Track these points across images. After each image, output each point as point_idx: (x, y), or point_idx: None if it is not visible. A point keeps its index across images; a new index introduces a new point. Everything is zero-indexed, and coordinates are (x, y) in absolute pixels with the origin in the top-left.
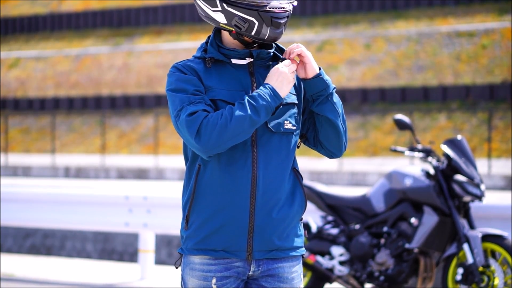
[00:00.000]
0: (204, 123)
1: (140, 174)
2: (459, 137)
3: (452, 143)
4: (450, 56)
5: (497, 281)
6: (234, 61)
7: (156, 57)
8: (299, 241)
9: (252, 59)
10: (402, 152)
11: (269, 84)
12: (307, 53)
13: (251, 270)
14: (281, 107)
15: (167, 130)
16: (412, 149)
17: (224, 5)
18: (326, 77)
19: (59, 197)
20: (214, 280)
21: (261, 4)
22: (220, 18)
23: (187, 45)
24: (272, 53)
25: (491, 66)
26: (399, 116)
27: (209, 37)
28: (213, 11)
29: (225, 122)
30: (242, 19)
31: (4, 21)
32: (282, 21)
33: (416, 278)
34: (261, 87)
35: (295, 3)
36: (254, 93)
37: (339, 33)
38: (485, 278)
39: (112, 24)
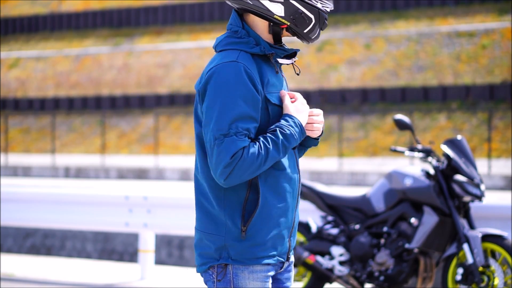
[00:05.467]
0: (239, 164)
1: (140, 174)
2: (459, 137)
3: (452, 143)
4: (450, 56)
5: (497, 281)
6: (281, 60)
7: (156, 57)
8: None
9: (296, 59)
10: (402, 152)
11: (301, 123)
12: (315, 130)
13: (282, 268)
14: None
15: (167, 130)
16: (412, 149)
17: None
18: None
19: (59, 197)
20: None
21: (322, 4)
22: (277, 9)
23: (187, 45)
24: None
25: (491, 66)
26: (399, 116)
27: (231, 31)
28: (271, 1)
29: (260, 163)
30: (303, 16)
31: (4, 21)
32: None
33: (416, 278)
34: (294, 124)
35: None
36: (287, 131)
37: (339, 33)
38: (485, 278)
39: (112, 24)
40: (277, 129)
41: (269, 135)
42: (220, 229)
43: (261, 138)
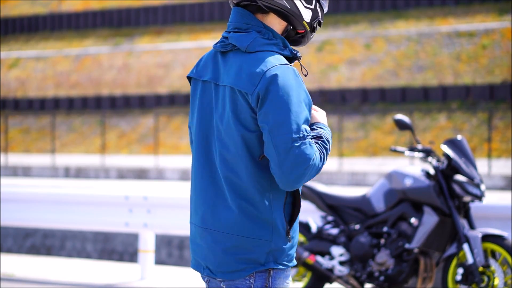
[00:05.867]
0: (311, 167)
1: (140, 174)
2: (459, 137)
3: (452, 143)
4: (450, 56)
5: (497, 281)
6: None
7: (156, 57)
8: None
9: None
10: (402, 152)
11: (331, 135)
12: None
13: None
14: None
15: (167, 130)
16: (412, 149)
17: (317, 4)
18: None
19: (59, 197)
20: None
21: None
22: (307, 15)
23: (187, 45)
24: None
25: (491, 66)
26: (399, 116)
27: (255, 31)
28: (305, 7)
29: (320, 167)
30: (319, 22)
31: (4, 21)
32: None
33: (416, 278)
34: (330, 133)
35: None
36: (330, 139)
37: (339, 33)
38: (485, 278)
39: (112, 24)
40: (323, 136)
41: (320, 142)
42: (267, 234)
43: (317, 145)
